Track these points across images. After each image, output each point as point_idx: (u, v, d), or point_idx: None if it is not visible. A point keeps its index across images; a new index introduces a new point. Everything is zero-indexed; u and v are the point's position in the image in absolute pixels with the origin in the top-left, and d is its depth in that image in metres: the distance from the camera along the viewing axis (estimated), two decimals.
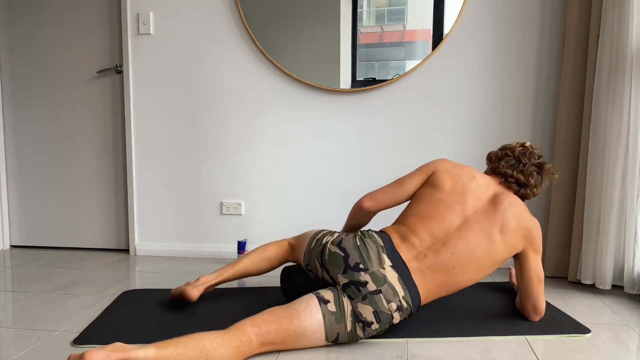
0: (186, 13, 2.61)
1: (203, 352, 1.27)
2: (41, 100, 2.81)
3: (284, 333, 1.40)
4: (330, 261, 1.54)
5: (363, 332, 1.48)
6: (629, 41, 1.89)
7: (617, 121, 1.94)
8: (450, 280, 1.53)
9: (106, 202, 2.81)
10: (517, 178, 1.69)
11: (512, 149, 1.74)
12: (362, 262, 1.49)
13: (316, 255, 1.62)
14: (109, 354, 1.16)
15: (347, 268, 1.49)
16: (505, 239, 1.56)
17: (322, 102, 2.55)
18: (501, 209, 1.58)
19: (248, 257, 1.86)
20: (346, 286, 1.48)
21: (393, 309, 1.46)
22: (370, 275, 1.47)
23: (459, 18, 2.39)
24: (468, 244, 1.53)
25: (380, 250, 1.52)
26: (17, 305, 1.91)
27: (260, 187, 2.64)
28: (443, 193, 1.62)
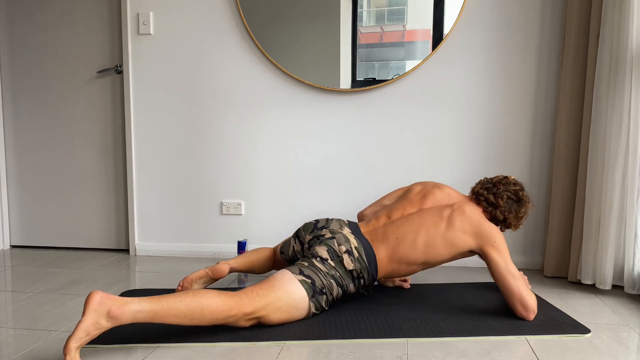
0: (186, 13, 2.61)
1: (188, 294, 1.45)
2: (41, 100, 2.81)
3: (264, 283, 1.60)
4: (302, 230, 1.90)
5: (322, 264, 1.68)
6: (629, 41, 1.89)
7: (617, 121, 1.94)
8: (393, 250, 1.77)
9: (106, 202, 2.81)
10: (487, 197, 1.87)
11: (492, 178, 1.95)
12: (326, 225, 1.84)
13: (291, 237, 1.96)
14: (108, 295, 1.35)
15: (314, 229, 1.85)
16: (449, 228, 1.76)
17: (322, 102, 2.55)
18: (454, 208, 1.80)
19: (254, 253, 2.09)
20: (310, 241, 1.82)
21: (342, 250, 1.72)
22: (329, 230, 1.80)
23: (459, 18, 2.39)
24: (412, 223, 1.79)
25: (343, 223, 1.86)
26: (17, 305, 1.91)
27: (261, 187, 2.64)
28: (412, 195, 1.93)
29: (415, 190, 1.94)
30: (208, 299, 1.46)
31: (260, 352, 1.48)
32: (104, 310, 1.32)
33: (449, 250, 1.76)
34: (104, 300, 1.32)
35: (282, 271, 1.66)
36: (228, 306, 1.49)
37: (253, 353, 1.47)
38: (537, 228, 2.45)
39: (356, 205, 2.57)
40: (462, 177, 2.49)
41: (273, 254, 2.11)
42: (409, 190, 1.97)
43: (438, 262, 1.79)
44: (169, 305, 1.40)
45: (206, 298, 1.46)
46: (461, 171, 2.48)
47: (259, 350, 1.48)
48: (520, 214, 1.87)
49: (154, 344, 1.51)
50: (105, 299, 1.33)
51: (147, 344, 1.51)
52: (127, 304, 1.35)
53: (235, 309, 1.50)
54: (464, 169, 2.48)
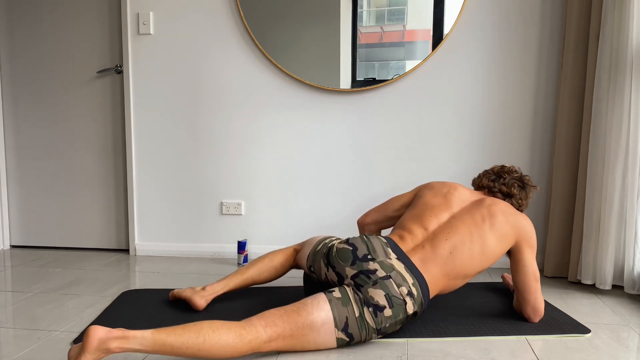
0: (186, 13, 2.61)
1: (201, 333, 1.29)
2: (41, 100, 2.81)
3: (293, 325, 1.39)
4: (337, 257, 1.57)
5: (374, 318, 1.43)
6: (629, 41, 1.89)
7: (617, 121, 1.94)
8: (450, 267, 1.57)
9: (106, 202, 2.81)
10: (500, 188, 1.82)
11: (491, 169, 1.90)
12: (370, 253, 1.53)
13: (321, 256, 1.64)
14: (110, 330, 1.25)
15: (355, 260, 1.52)
16: (493, 228, 1.62)
17: (322, 102, 2.55)
18: (486, 204, 1.69)
19: (254, 265, 1.86)
20: (355, 277, 1.49)
21: (404, 293, 1.46)
22: (378, 263, 1.50)
23: (459, 18, 2.39)
24: (458, 231, 1.61)
25: (384, 245, 1.57)
26: (17, 305, 1.91)
27: (260, 187, 2.64)
28: (429, 198, 1.75)
29: (428, 194, 1.77)
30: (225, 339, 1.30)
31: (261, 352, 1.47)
32: (104, 348, 1.24)
33: (500, 249, 1.63)
34: (104, 340, 1.23)
35: (321, 306, 1.42)
36: (247, 346, 1.34)
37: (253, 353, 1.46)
38: (537, 228, 2.45)
39: (356, 205, 2.57)
40: (462, 176, 2.49)
41: (287, 259, 1.88)
42: (421, 196, 1.78)
43: (488, 267, 1.69)
44: (173, 349, 1.27)
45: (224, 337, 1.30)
46: (461, 171, 2.48)
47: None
48: (528, 199, 1.85)
49: None
50: (105, 339, 1.24)
51: None
52: (128, 342, 1.25)
53: (253, 346, 1.35)
54: (464, 169, 2.48)
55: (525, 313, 1.68)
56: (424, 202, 1.73)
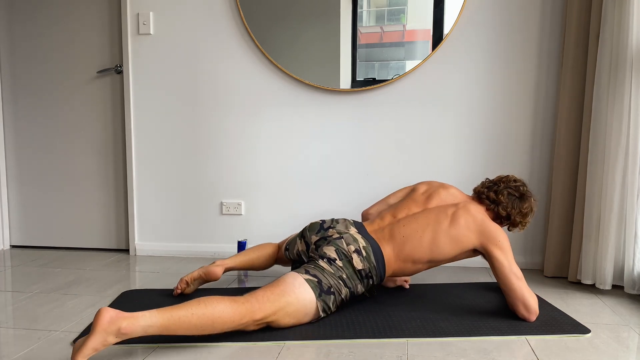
0: (186, 13, 2.61)
1: (200, 304, 1.43)
2: (41, 100, 2.81)
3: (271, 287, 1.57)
4: (307, 230, 1.88)
5: (330, 266, 1.67)
6: (629, 41, 1.89)
7: (617, 121, 1.94)
8: (400, 248, 1.77)
9: (106, 202, 2.81)
10: (488, 195, 1.90)
11: (494, 178, 1.97)
12: (332, 225, 1.84)
13: (297, 235, 1.94)
14: (119, 312, 1.33)
15: (320, 229, 1.84)
16: (451, 227, 1.77)
17: (322, 102, 2.55)
18: (458, 206, 1.82)
19: (254, 250, 2.08)
20: (317, 241, 1.80)
21: (352, 250, 1.71)
22: (336, 230, 1.80)
23: (459, 18, 2.39)
24: (418, 221, 1.80)
25: (349, 223, 1.85)
26: (17, 305, 1.91)
27: (260, 187, 2.64)
28: (416, 194, 1.93)
29: (420, 190, 1.95)
30: (219, 310, 1.44)
31: (260, 352, 1.48)
32: (114, 328, 1.30)
33: (453, 247, 1.76)
34: (114, 319, 1.30)
35: (292, 274, 1.63)
36: (239, 315, 1.47)
37: (253, 353, 1.47)
38: (537, 228, 2.45)
39: (356, 205, 2.57)
40: (462, 176, 2.49)
41: (276, 250, 2.11)
42: (414, 190, 1.97)
43: (443, 261, 1.80)
44: (180, 319, 1.38)
45: (218, 309, 1.44)
46: (461, 171, 2.48)
47: (259, 350, 1.48)
48: (524, 210, 1.87)
49: (154, 344, 1.51)
50: (116, 318, 1.31)
51: (147, 344, 1.51)
52: (138, 320, 1.33)
53: (247, 317, 1.49)
54: (464, 169, 2.48)
55: (519, 312, 1.69)
56: (410, 196, 1.94)
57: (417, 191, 1.95)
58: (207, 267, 1.96)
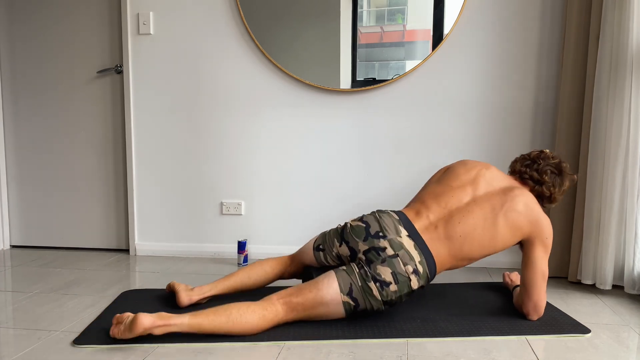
0: (186, 13, 2.61)
1: (230, 318, 1.52)
2: (41, 100, 2.81)
3: (306, 301, 1.59)
4: (351, 234, 1.68)
5: (380, 292, 1.58)
6: (629, 41, 1.89)
7: (617, 121, 1.94)
8: (458, 249, 1.64)
9: (106, 202, 2.81)
10: (531, 175, 1.76)
11: (529, 154, 1.83)
12: (382, 231, 1.63)
13: (334, 234, 1.74)
14: (155, 320, 1.47)
15: (367, 236, 1.64)
16: (509, 220, 1.63)
17: (322, 102, 2.55)
18: (511, 195, 1.67)
19: (244, 270, 1.89)
20: (367, 252, 1.61)
21: (410, 271, 1.58)
22: (388, 241, 1.61)
23: (459, 18, 2.39)
24: (474, 216, 1.64)
25: (397, 222, 1.66)
26: (17, 305, 1.91)
27: (260, 187, 2.64)
28: (456, 176, 1.75)
29: (460, 172, 1.76)
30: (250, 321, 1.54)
31: (260, 352, 1.48)
32: (148, 333, 1.49)
33: (510, 240, 1.65)
34: (150, 328, 1.47)
35: (334, 289, 1.58)
36: (269, 324, 1.57)
37: (253, 353, 1.47)
38: None
39: (355, 204, 2.57)
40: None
41: (279, 265, 1.90)
42: (453, 171, 1.78)
43: (494, 253, 1.72)
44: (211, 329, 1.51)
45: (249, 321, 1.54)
46: None
47: (259, 350, 1.48)
48: (565, 187, 1.78)
49: (154, 344, 1.51)
50: (150, 327, 1.47)
51: (147, 344, 1.51)
52: (169, 328, 1.49)
53: (275, 323, 1.59)
54: None
55: (526, 309, 1.68)
56: (450, 179, 1.75)
57: (457, 174, 1.76)
58: (180, 292, 1.82)
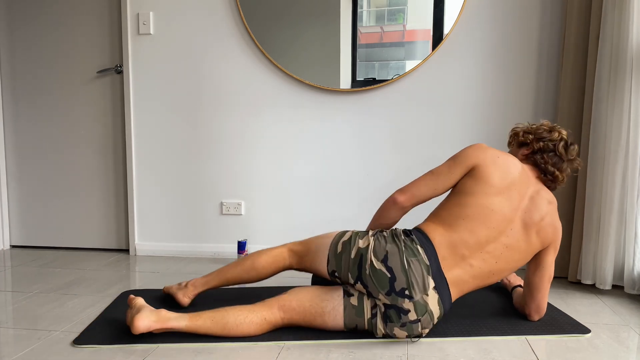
0: (186, 13, 2.61)
1: (226, 328, 1.52)
2: (41, 100, 2.81)
3: (308, 322, 1.56)
4: (372, 278, 1.47)
5: (388, 334, 1.52)
6: (629, 41, 1.89)
7: (617, 121, 1.94)
8: (484, 282, 1.56)
9: (106, 202, 2.81)
10: (556, 176, 1.62)
11: (553, 142, 1.63)
12: (408, 288, 1.44)
13: (351, 264, 1.51)
14: (151, 324, 1.49)
15: (391, 291, 1.45)
16: (540, 238, 1.56)
17: (322, 102, 2.55)
18: (541, 209, 1.55)
19: (238, 264, 1.76)
20: (388, 307, 1.47)
21: (426, 332, 1.51)
22: (414, 304, 1.45)
23: (459, 18, 2.39)
24: (511, 251, 1.53)
25: (426, 272, 1.46)
26: (17, 305, 1.91)
27: (261, 187, 2.64)
28: (489, 189, 1.52)
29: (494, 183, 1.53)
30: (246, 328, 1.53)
31: (260, 352, 1.48)
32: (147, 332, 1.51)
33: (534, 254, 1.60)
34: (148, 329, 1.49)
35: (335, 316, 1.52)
36: (264, 330, 1.57)
37: (253, 353, 1.47)
38: None
39: (355, 204, 2.57)
40: None
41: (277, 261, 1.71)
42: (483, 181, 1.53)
43: None
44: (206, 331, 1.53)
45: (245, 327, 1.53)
46: None
47: (259, 350, 1.48)
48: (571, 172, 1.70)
49: (154, 344, 1.51)
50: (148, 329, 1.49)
51: (147, 344, 1.51)
52: (168, 327, 1.52)
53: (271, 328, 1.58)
54: None
55: (528, 309, 1.68)
56: (484, 196, 1.51)
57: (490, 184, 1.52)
58: (177, 292, 1.81)
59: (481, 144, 1.62)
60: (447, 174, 1.59)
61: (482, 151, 1.58)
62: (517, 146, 1.73)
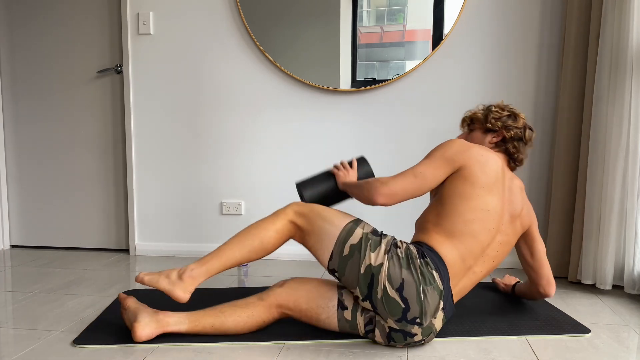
0: (186, 13, 2.61)
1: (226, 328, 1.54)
2: (41, 100, 2.81)
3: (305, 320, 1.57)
4: (384, 304, 1.41)
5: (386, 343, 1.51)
6: (629, 41, 1.89)
7: (617, 121, 1.94)
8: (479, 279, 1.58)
9: (106, 202, 2.81)
10: (522, 162, 1.66)
11: (520, 129, 1.63)
12: (420, 317, 1.41)
13: (360, 281, 1.44)
14: (152, 331, 1.50)
15: (403, 319, 1.41)
16: (522, 225, 1.61)
17: (322, 102, 2.55)
18: (519, 198, 1.58)
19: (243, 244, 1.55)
20: (394, 330, 1.44)
21: (426, 342, 1.52)
22: (422, 329, 1.43)
23: (459, 18, 2.39)
24: (505, 246, 1.57)
25: (439, 298, 1.43)
26: (17, 305, 1.91)
27: (260, 187, 2.64)
28: (481, 189, 1.50)
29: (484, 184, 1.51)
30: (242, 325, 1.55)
31: (260, 352, 1.48)
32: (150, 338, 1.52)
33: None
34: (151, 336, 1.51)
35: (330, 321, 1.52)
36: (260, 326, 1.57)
37: (253, 353, 1.47)
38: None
39: (355, 204, 2.57)
40: None
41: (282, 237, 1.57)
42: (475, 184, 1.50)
43: None
44: (205, 328, 1.54)
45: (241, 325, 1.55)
46: None
47: (259, 350, 1.48)
48: None
49: (154, 344, 1.51)
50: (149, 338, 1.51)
51: (147, 344, 1.51)
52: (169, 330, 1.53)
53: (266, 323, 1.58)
54: None
55: (542, 289, 1.71)
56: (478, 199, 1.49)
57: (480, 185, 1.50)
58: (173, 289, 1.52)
59: (461, 141, 1.56)
60: (434, 177, 1.53)
61: (467, 149, 1.53)
62: (483, 132, 1.68)
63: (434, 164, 1.53)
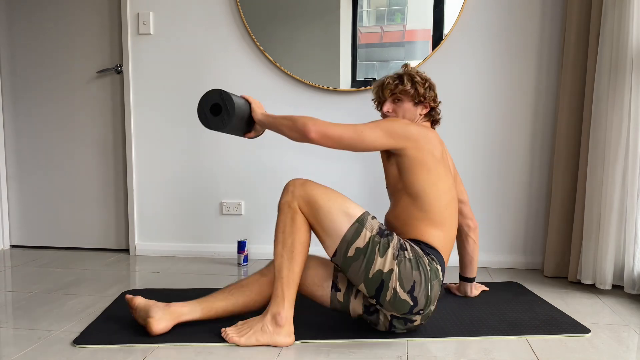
0: (186, 13, 2.61)
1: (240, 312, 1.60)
2: (41, 100, 2.81)
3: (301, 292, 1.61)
4: (391, 304, 1.44)
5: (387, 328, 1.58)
6: (629, 41, 1.89)
7: (617, 121, 1.94)
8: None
9: (106, 202, 2.81)
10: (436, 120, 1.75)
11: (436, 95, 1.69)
12: (424, 308, 1.48)
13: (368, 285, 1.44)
14: (167, 324, 1.54)
15: (409, 313, 1.48)
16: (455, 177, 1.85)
17: (322, 102, 2.55)
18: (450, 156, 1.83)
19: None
20: (396, 318, 1.52)
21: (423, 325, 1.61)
22: (422, 316, 1.52)
23: (459, 18, 2.39)
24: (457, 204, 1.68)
25: (440, 288, 1.52)
26: (17, 305, 1.91)
27: (261, 187, 2.64)
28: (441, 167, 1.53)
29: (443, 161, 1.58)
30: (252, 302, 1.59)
31: (261, 351, 1.48)
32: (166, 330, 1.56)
33: None
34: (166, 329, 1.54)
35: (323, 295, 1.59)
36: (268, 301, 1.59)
37: (253, 353, 1.47)
38: (537, 228, 2.45)
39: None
40: (463, 176, 2.48)
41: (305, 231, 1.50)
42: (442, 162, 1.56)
43: None
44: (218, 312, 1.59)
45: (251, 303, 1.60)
46: (461, 171, 2.48)
47: (259, 350, 1.48)
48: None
49: (154, 344, 1.51)
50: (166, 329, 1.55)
51: (147, 344, 1.51)
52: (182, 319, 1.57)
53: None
54: (463, 169, 2.48)
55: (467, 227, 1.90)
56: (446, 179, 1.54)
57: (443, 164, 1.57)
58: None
59: (406, 121, 1.56)
60: (373, 142, 1.48)
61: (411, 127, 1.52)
62: (414, 104, 1.65)
63: (376, 132, 1.49)
